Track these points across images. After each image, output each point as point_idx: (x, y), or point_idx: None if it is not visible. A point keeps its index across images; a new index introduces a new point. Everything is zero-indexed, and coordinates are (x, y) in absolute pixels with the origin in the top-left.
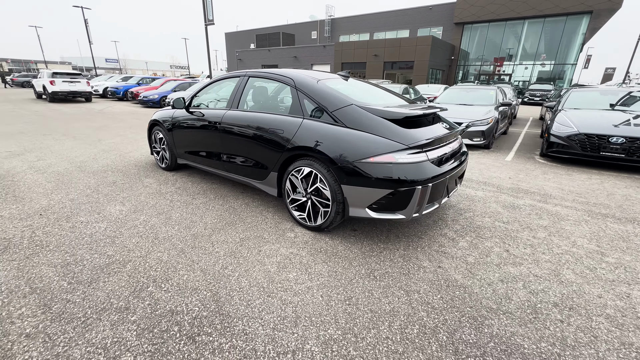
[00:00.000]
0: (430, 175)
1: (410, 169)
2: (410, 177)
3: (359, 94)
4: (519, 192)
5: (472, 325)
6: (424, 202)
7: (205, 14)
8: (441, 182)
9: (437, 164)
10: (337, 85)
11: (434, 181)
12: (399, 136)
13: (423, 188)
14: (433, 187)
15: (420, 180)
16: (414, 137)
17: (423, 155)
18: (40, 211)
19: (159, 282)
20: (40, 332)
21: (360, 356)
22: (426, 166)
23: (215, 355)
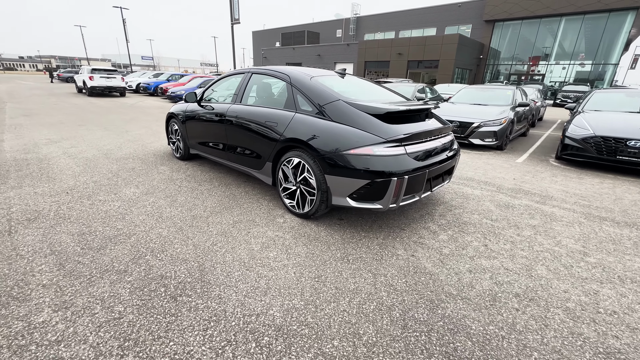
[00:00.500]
0: (407, 168)
1: (387, 162)
2: (386, 169)
3: (350, 91)
4: (519, 192)
5: (428, 306)
6: (400, 193)
7: (232, 13)
8: (420, 175)
9: (418, 158)
10: (331, 82)
11: (411, 174)
12: (379, 130)
13: (399, 180)
14: (410, 179)
15: (396, 172)
16: (393, 132)
17: (401, 149)
18: (67, 190)
19: (155, 252)
20: (53, 284)
21: (315, 323)
22: (403, 159)
23: (191, 312)
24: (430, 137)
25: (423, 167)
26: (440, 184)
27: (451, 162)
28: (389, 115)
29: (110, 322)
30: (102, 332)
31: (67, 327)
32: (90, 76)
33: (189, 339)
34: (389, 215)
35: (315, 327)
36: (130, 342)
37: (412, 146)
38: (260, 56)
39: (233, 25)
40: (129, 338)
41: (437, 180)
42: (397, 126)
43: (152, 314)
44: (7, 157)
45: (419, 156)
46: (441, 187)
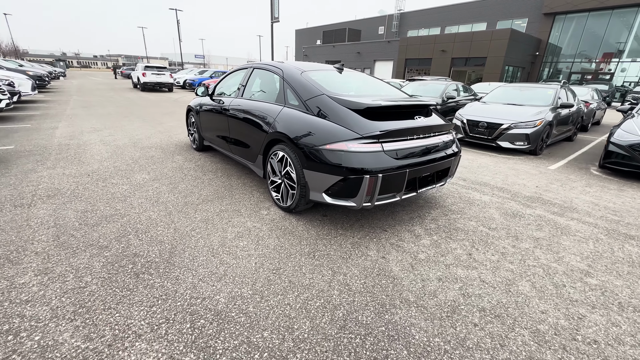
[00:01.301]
0: (382, 166)
1: (361, 158)
2: (359, 166)
3: (341, 86)
4: (536, 201)
5: (376, 310)
6: (375, 192)
7: (272, 12)
8: (399, 174)
9: (397, 156)
10: (323, 76)
11: (387, 173)
12: (356, 125)
13: (372, 178)
14: (387, 178)
15: (370, 170)
16: (370, 128)
17: (377, 145)
18: (89, 172)
19: (139, 232)
20: (44, 252)
21: (255, 312)
22: (379, 156)
23: (146, 289)
24: (417, 135)
25: (403, 166)
26: (431, 186)
27: (445, 163)
28: (371, 111)
29: (75, 290)
30: (65, 297)
31: (39, 290)
32: (143, 73)
33: (133, 313)
34: (375, 215)
35: (253, 317)
36: (84, 309)
37: (390, 143)
38: (301, 54)
39: (273, 23)
40: (84, 305)
41: (426, 181)
42: (377, 122)
43: (112, 287)
44: (55, 142)
45: (399, 154)
46: (432, 189)
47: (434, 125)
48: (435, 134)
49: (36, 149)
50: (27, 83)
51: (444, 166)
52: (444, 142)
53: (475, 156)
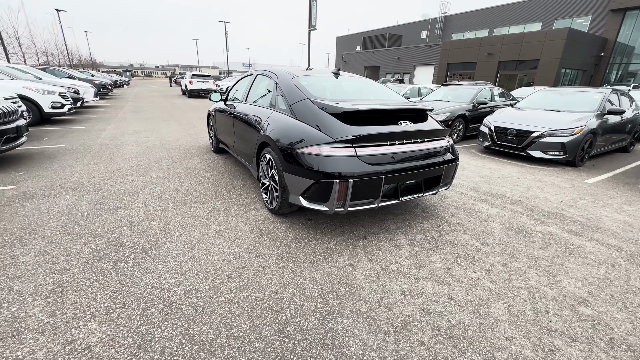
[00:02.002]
0: (354, 171)
1: (333, 162)
2: (330, 170)
3: (330, 91)
4: (553, 217)
5: (322, 317)
6: (346, 197)
7: (310, 21)
8: (374, 180)
9: (372, 161)
10: (314, 81)
11: (360, 178)
12: (332, 130)
13: (342, 183)
14: (360, 183)
15: (341, 174)
16: (345, 132)
17: (350, 150)
18: (115, 170)
19: (133, 225)
20: (50, 237)
21: (202, 307)
22: (352, 161)
23: (117, 276)
24: (398, 141)
25: (378, 172)
26: (417, 194)
27: (435, 171)
28: (349, 116)
29: (59, 271)
30: (50, 277)
31: (32, 269)
32: (190, 81)
33: (97, 296)
34: (361, 221)
35: (199, 311)
36: (60, 288)
37: (365, 148)
38: (341, 60)
39: (310, 31)
40: (61, 285)
41: (410, 189)
42: (354, 127)
43: (90, 271)
44: (98, 142)
45: (374, 160)
46: (419, 198)
47: (419, 130)
48: (422, 140)
49: (81, 147)
50: (90, 90)
51: (434, 174)
52: (433, 149)
53: (500, 166)
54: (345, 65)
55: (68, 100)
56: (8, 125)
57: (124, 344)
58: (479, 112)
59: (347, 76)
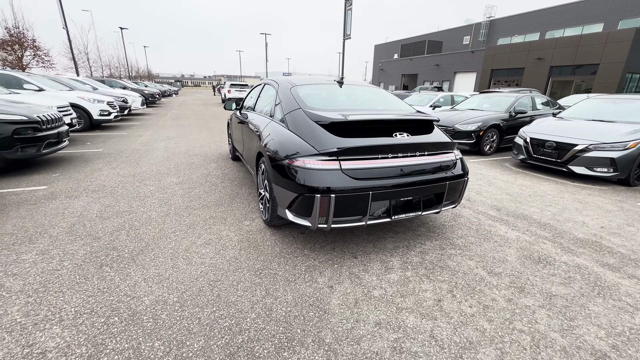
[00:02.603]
0: (337, 186)
1: (315, 176)
2: (312, 184)
3: (328, 101)
4: (587, 246)
5: (280, 344)
6: (329, 213)
7: (344, 30)
8: (360, 196)
9: (359, 176)
10: (312, 91)
11: (343, 193)
12: (317, 141)
13: (324, 197)
14: (343, 199)
15: (322, 188)
16: (330, 144)
17: (335, 163)
18: (136, 174)
19: (131, 229)
20: (56, 237)
21: (164, 320)
22: (335, 175)
23: (97, 280)
24: (392, 154)
25: (365, 187)
26: (414, 213)
27: (435, 188)
28: (338, 127)
29: (49, 272)
30: (39, 276)
31: (28, 267)
32: (228, 90)
33: (72, 299)
34: (356, 238)
35: (159, 324)
36: (43, 288)
37: (351, 162)
38: (377, 69)
39: (345, 40)
40: (45, 285)
41: (406, 207)
42: (342, 139)
43: (76, 273)
44: (131, 147)
45: (360, 174)
46: (418, 217)
47: (419, 143)
48: (421, 153)
49: (115, 152)
50: (138, 100)
51: (435, 191)
52: (434, 163)
53: (534, 182)
54: (382, 74)
55: (115, 109)
56: (50, 131)
57: (76, 353)
58: (518, 121)
59: (353, 85)
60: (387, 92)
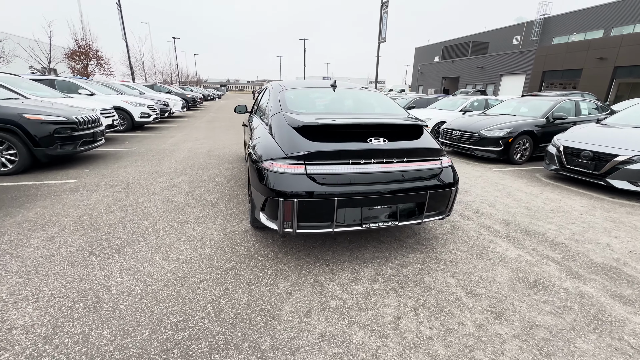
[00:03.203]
0: (301, 190)
1: (280, 179)
2: (277, 188)
3: (314, 104)
4: (602, 272)
5: (216, 345)
6: (293, 218)
7: (380, 33)
8: (325, 202)
9: (325, 181)
10: (299, 94)
11: (307, 198)
12: (287, 144)
13: (287, 202)
14: (307, 204)
15: (287, 193)
16: (298, 148)
17: (300, 167)
18: (154, 172)
19: (129, 223)
20: (64, 226)
21: (121, 310)
22: (299, 180)
23: (83, 267)
24: (364, 159)
25: (330, 193)
26: (390, 222)
27: (415, 197)
28: (313, 130)
29: (46, 256)
30: (36, 260)
31: (31, 251)
32: None
33: (53, 283)
34: (334, 246)
35: (115, 314)
36: (35, 270)
37: (318, 166)
38: (417, 72)
39: (380, 43)
40: (38, 268)
41: (382, 215)
42: (312, 143)
43: (66, 260)
44: (160, 147)
45: (326, 179)
46: (394, 226)
47: (398, 149)
48: (400, 160)
49: (145, 151)
50: (179, 103)
51: (414, 200)
52: (414, 170)
53: (563, 196)
54: (421, 77)
55: (155, 111)
56: (85, 131)
57: (36, 332)
58: (557, 128)
59: (347, 89)
60: (385, 97)
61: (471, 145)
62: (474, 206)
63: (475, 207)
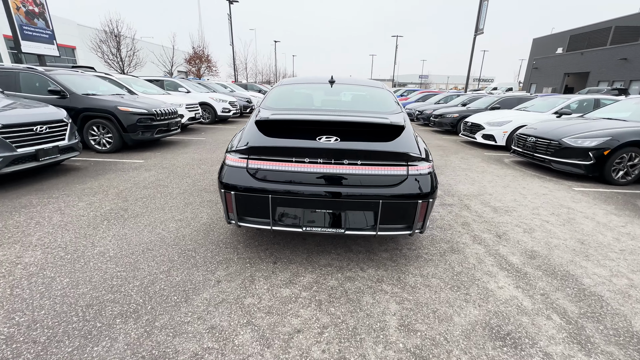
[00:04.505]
0: (239, 184)
1: (226, 171)
2: (222, 179)
3: (300, 100)
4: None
5: (123, 310)
6: (232, 209)
7: (477, 23)
8: (258, 198)
9: (263, 177)
10: (288, 90)
11: (242, 192)
12: (242, 139)
13: (227, 193)
14: (242, 198)
15: (227, 184)
16: (244, 142)
17: (243, 162)
18: (202, 159)
19: (150, 199)
20: (107, 194)
21: (87, 267)
22: (239, 173)
23: (93, 228)
24: (309, 159)
25: (265, 189)
26: (334, 229)
27: (365, 206)
28: (266, 125)
29: (78, 217)
30: (72, 217)
31: (76, 209)
32: None
33: (64, 237)
34: (299, 246)
35: (84, 268)
36: (64, 225)
37: (258, 162)
38: (531, 67)
39: (476, 35)
40: (67, 224)
41: (324, 220)
42: (263, 137)
43: (87, 221)
44: (225, 139)
45: (261, 175)
46: (337, 233)
47: (348, 150)
48: (351, 162)
49: (212, 141)
50: None
51: (364, 209)
52: (370, 175)
53: None
54: (535, 73)
55: (235, 107)
56: (161, 122)
57: (29, 269)
58: None
59: (345, 84)
60: (385, 94)
61: (548, 156)
62: (501, 229)
63: (503, 230)
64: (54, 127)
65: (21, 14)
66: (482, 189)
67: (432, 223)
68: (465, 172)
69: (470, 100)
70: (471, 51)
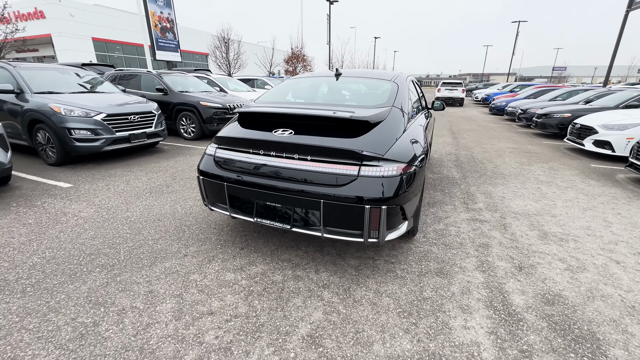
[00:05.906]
0: (205, 169)
1: (203, 160)
2: (199, 166)
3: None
4: None
5: (103, 266)
6: (205, 194)
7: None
8: (217, 184)
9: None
10: (293, 83)
11: (206, 177)
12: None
13: (199, 177)
14: (205, 183)
15: (202, 170)
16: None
17: (213, 150)
18: None
19: (190, 180)
20: (155, 173)
21: (110, 226)
22: (208, 160)
23: (137, 197)
24: (264, 150)
25: (221, 177)
26: (283, 224)
27: (307, 204)
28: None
29: (133, 187)
30: (128, 186)
31: (138, 182)
32: (438, 89)
33: (110, 201)
34: (273, 239)
35: (105, 228)
36: (118, 192)
37: (224, 151)
38: None
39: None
40: (121, 192)
41: (274, 214)
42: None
43: (136, 192)
44: None
45: (225, 164)
46: (285, 229)
47: (301, 144)
48: (301, 157)
49: None
50: None
51: (307, 207)
52: (311, 172)
53: None
54: None
55: None
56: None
57: (70, 222)
58: None
59: (351, 77)
60: (386, 88)
61: None
62: (532, 260)
63: (533, 262)
64: (144, 117)
65: (157, 30)
66: (547, 208)
67: (440, 238)
68: (538, 186)
69: (598, 97)
70: (619, 32)
